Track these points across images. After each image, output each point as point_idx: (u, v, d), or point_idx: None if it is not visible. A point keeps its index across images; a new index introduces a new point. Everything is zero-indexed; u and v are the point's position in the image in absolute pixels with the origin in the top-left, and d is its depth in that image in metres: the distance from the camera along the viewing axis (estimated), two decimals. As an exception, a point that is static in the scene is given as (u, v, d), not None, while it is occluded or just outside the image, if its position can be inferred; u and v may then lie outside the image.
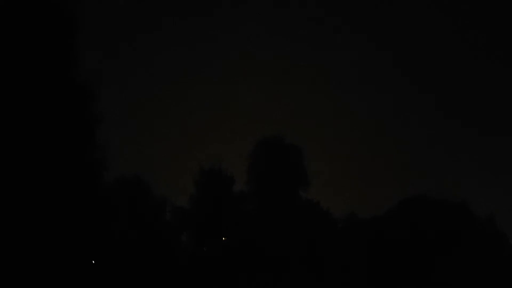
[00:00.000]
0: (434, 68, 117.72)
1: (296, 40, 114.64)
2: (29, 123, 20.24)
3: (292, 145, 44.86)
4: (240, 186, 44.51)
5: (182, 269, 39.74)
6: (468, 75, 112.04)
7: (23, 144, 20.19)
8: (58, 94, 21.25)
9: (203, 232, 42.62)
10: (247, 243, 41.67)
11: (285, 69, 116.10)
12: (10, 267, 21.37)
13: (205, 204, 42.64)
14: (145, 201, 39.19)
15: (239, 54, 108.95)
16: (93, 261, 32.96)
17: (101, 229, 26.74)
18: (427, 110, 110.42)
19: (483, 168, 79.56)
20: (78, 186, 22.16)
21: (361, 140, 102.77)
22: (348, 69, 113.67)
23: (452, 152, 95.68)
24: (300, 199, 45.08)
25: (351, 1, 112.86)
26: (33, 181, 20.58)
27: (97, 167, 23.96)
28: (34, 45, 21.48)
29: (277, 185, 43.30)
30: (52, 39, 21.48)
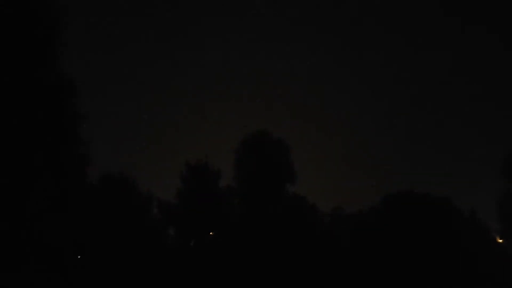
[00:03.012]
0: (417, 67, 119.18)
1: (283, 47, 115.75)
2: (10, 118, 20.40)
3: (278, 141, 45.04)
4: (227, 181, 44.83)
5: (169, 263, 39.95)
6: (453, 75, 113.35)
7: (4, 138, 20.36)
8: (40, 90, 21.44)
9: (190, 226, 42.79)
10: (234, 238, 41.93)
11: (275, 71, 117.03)
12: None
13: (191, 199, 42.78)
14: (131, 197, 39.28)
15: (228, 58, 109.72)
16: (79, 256, 33.18)
17: (85, 223, 26.95)
18: (411, 109, 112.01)
19: (465, 164, 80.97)
20: (60, 180, 22.35)
21: (347, 138, 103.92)
22: (335, 70, 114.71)
23: (434, 149, 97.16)
24: (287, 193, 45.31)
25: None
26: (13, 175, 20.74)
27: (80, 162, 24.14)
28: (16, 43, 21.61)
29: (264, 179, 43.50)
30: (35, 38, 21.63)
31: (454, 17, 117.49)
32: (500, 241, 48.94)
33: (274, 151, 44.54)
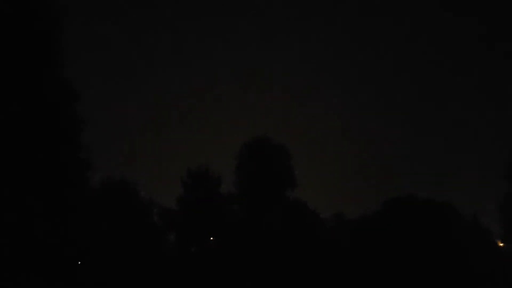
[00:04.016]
0: (417, 67, 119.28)
1: (283, 48, 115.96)
2: (10, 122, 20.36)
3: (279, 146, 45.11)
4: (228, 186, 44.80)
5: (170, 269, 39.81)
6: (453, 75, 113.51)
7: (4, 143, 20.31)
8: (42, 93, 21.41)
9: (191, 232, 42.68)
10: (235, 243, 41.81)
11: (275, 71, 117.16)
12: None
13: (192, 206, 42.71)
14: (132, 202, 39.21)
15: (228, 59, 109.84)
16: (79, 262, 32.99)
17: (86, 228, 26.83)
18: (411, 109, 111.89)
19: (467, 166, 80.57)
20: (61, 184, 22.28)
21: (347, 138, 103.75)
22: (335, 70, 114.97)
23: (435, 151, 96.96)
24: (287, 199, 45.29)
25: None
26: (13, 180, 20.67)
27: (81, 167, 24.06)
28: (18, 46, 21.61)
29: (264, 185, 43.50)
30: (34, 38, 21.61)
31: (454, 17, 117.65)
32: (501, 244, 48.71)
33: (274, 157, 44.59)
